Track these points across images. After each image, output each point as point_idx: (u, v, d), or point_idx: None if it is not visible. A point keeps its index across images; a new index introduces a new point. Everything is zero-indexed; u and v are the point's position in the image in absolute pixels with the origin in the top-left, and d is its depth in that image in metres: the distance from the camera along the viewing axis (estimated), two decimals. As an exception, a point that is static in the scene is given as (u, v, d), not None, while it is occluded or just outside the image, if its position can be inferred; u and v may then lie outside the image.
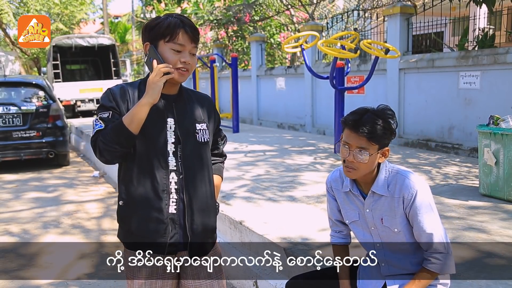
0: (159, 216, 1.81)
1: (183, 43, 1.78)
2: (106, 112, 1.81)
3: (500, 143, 4.25)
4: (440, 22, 8.02)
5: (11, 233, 4.87)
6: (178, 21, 1.79)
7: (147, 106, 1.73)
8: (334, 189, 2.08)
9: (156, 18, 1.84)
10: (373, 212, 1.94)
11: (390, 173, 1.91)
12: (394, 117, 1.91)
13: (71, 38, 16.81)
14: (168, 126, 1.84)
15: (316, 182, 5.14)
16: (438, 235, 1.86)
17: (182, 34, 1.78)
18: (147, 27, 1.84)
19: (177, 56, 1.78)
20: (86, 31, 29.43)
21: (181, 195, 1.83)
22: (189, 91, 1.97)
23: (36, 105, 8.00)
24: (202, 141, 1.89)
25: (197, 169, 1.88)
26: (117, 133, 1.73)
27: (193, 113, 1.91)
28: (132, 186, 1.82)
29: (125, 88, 1.86)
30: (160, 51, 1.79)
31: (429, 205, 1.87)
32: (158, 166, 1.81)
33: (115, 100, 1.82)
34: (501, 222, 3.67)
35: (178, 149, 1.84)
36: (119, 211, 1.89)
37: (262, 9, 15.38)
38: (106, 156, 1.78)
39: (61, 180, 7.57)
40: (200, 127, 1.90)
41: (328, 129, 9.45)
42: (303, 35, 7.29)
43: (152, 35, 1.80)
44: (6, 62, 20.40)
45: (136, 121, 1.73)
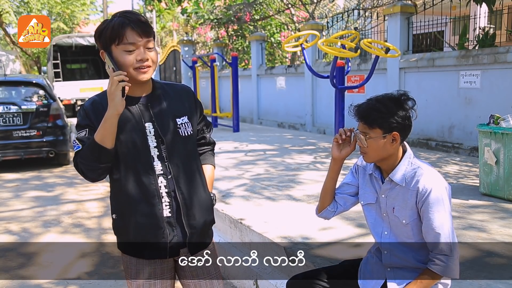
0: (154, 222, 1.78)
1: (132, 41, 1.69)
2: (83, 131, 1.77)
3: (500, 142, 4.25)
4: (440, 21, 8.02)
5: (11, 232, 4.87)
6: (122, 20, 1.70)
7: (114, 119, 1.67)
8: (361, 168, 2.11)
9: (102, 23, 1.76)
10: (387, 199, 1.97)
11: (411, 165, 1.94)
12: (401, 101, 1.93)
13: (71, 37, 16.83)
14: (148, 131, 1.78)
15: (316, 181, 5.13)
16: (445, 236, 1.85)
17: (129, 32, 1.69)
18: (96, 34, 1.76)
19: (132, 56, 1.70)
20: (87, 30, 29.44)
21: (173, 196, 1.80)
22: (164, 86, 1.90)
23: (36, 104, 7.99)
24: (185, 135, 1.84)
25: (185, 165, 1.85)
26: (93, 151, 1.70)
27: (172, 109, 1.85)
28: (122, 198, 1.80)
29: (96, 101, 1.81)
30: (115, 56, 1.71)
31: (443, 204, 1.86)
32: (144, 174, 1.77)
33: (88, 117, 1.78)
34: (501, 221, 3.67)
35: (163, 151, 1.80)
36: (114, 225, 1.87)
37: (263, 8, 15.37)
38: (90, 175, 1.77)
39: (62, 179, 7.56)
40: (182, 121, 1.85)
41: (329, 128, 9.45)
42: (304, 34, 7.28)
43: (103, 42, 1.72)
44: (7, 62, 20.39)
45: (108, 135, 1.69)
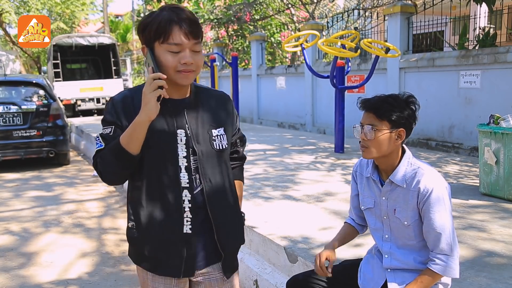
0: (172, 238, 1.63)
1: (178, 42, 1.52)
2: (108, 128, 1.61)
3: (500, 142, 4.25)
4: (440, 21, 8.03)
5: (11, 232, 4.87)
6: (170, 16, 1.52)
7: (144, 125, 1.50)
8: (358, 174, 2.13)
9: (149, 15, 1.57)
10: (388, 201, 1.97)
11: (411, 166, 1.93)
12: (409, 102, 1.92)
13: (71, 37, 16.83)
14: (179, 139, 1.61)
15: (316, 181, 5.13)
16: (446, 236, 1.85)
17: (177, 31, 1.51)
18: (139, 27, 1.59)
19: (176, 58, 1.53)
20: (87, 30, 29.48)
21: (196, 213, 1.64)
22: (203, 91, 1.73)
23: (36, 104, 8.00)
24: (219, 149, 1.67)
25: (217, 180, 1.67)
26: (115, 155, 1.55)
27: (208, 118, 1.67)
28: (141, 208, 1.64)
29: (127, 96, 1.63)
30: (157, 54, 1.54)
31: (443, 204, 1.86)
32: (168, 185, 1.61)
33: (116, 113, 1.60)
34: (501, 221, 3.67)
35: (192, 162, 1.63)
36: (128, 233, 1.72)
37: (263, 8, 15.38)
38: (108, 178, 1.62)
39: (62, 179, 7.57)
40: (217, 133, 1.67)
41: (329, 128, 9.45)
42: (304, 34, 7.29)
43: (146, 37, 1.56)
44: (7, 61, 20.39)
45: (135, 141, 1.52)
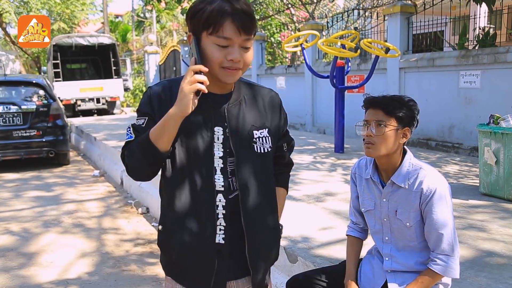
0: (202, 247, 1.49)
1: (229, 36, 1.36)
2: (142, 119, 1.48)
3: (500, 142, 4.25)
4: (440, 21, 8.03)
5: (11, 232, 4.87)
6: (224, 6, 1.35)
7: (177, 120, 1.36)
8: (357, 175, 2.12)
9: (200, 2, 1.40)
10: (389, 202, 1.96)
11: (413, 166, 1.93)
12: (411, 105, 1.92)
13: (71, 37, 16.83)
14: (216, 137, 1.48)
15: (316, 181, 5.13)
16: (448, 236, 1.85)
17: (228, 24, 1.35)
18: (189, 13, 1.43)
19: (222, 53, 1.38)
20: (87, 30, 29.48)
21: (232, 220, 1.51)
22: (249, 86, 1.58)
23: (36, 104, 8.00)
24: (261, 152, 1.53)
25: (256, 186, 1.53)
26: (143, 149, 1.41)
27: (250, 117, 1.53)
28: (171, 210, 1.52)
29: (166, 86, 1.50)
30: (203, 45, 1.39)
31: (446, 204, 1.87)
32: (201, 187, 1.47)
33: (151, 104, 1.47)
34: (501, 221, 3.67)
35: (228, 164, 1.49)
36: (159, 236, 1.61)
37: (263, 8, 15.38)
38: (135, 173, 1.50)
39: (62, 179, 7.57)
40: (259, 135, 1.53)
41: (329, 128, 9.45)
42: (304, 34, 7.28)
43: (194, 25, 1.40)
44: (7, 61, 20.40)
45: (164, 136, 1.38)
